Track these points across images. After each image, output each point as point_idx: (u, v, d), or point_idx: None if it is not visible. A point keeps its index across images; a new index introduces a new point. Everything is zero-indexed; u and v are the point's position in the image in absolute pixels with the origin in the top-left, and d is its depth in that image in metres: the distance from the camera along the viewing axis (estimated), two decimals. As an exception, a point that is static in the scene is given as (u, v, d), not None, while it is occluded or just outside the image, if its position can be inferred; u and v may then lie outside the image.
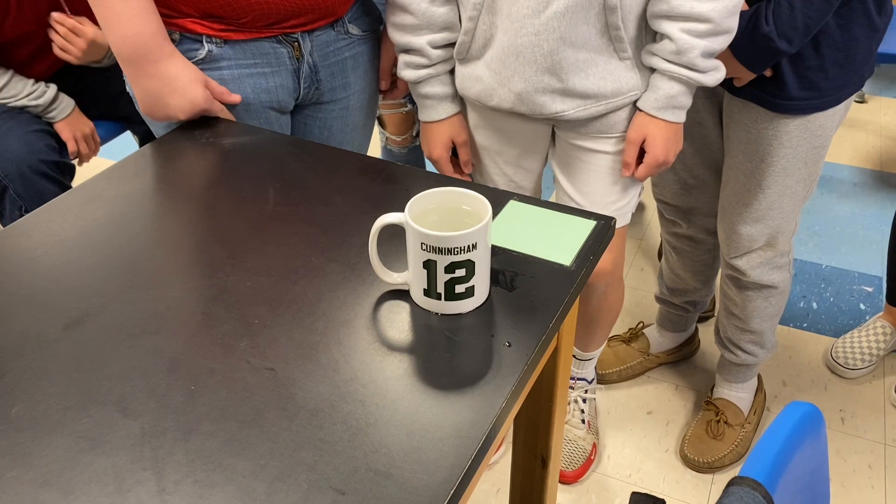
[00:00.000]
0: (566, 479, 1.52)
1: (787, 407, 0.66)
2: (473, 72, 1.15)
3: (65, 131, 1.75)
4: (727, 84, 1.27)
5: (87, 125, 1.79)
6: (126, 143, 2.28)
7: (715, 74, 1.07)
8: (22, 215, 1.62)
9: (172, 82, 1.05)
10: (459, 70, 1.18)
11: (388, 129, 1.86)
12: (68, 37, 1.70)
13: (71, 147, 1.76)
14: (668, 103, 1.09)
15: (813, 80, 1.19)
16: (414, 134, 1.88)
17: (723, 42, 1.05)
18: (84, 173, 1.81)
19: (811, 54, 1.18)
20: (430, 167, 2.23)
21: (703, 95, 1.36)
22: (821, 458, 0.68)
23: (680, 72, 1.06)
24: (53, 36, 1.71)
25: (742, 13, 1.15)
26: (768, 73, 1.19)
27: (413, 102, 1.81)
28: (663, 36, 1.06)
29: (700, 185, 1.50)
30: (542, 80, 1.09)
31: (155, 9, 1.04)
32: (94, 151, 1.82)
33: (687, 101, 1.10)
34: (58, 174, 1.68)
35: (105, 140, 1.92)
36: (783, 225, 1.37)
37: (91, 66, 1.88)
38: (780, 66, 1.19)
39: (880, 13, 1.18)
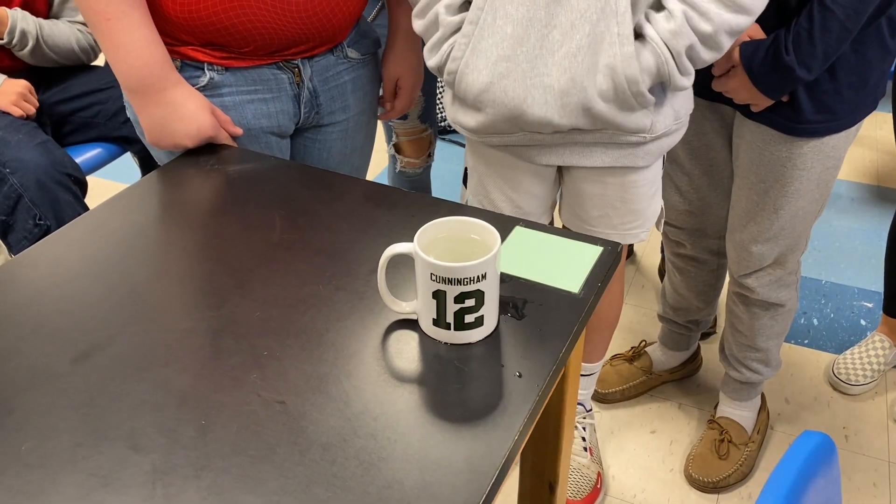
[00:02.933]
0: None
1: (799, 437, 0.66)
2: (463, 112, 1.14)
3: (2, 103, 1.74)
4: (740, 107, 1.27)
5: (20, 85, 1.76)
6: (127, 164, 2.27)
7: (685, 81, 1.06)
8: (37, 224, 1.62)
9: (179, 109, 1.06)
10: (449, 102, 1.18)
11: (406, 154, 1.89)
12: None
13: (15, 112, 1.74)
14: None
15: (828, 103, 1.20)
16: (428, 155, 1.91)
17: (708, 56, 1.04)
18: (90, 201, 1.81)
19: (826, 78, 1.18)
20: (437, 186, 2.24)
21: (712, 117, 1.37)
22: (834, 488, 0.68)
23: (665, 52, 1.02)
24: None
25: (760, 43, 1.16)
26: (784, 98, 1.20)
27: (425, 122, 1.84)
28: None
29: (706, 206, 1.50)
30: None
31: (159, 38, 1.04)
32: (34, 105, 1.79)
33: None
34: (74, 185, 1.68)
35: (105, 162, 1.92)
36: (794, 244, 1.37)
37: (87, 89, 1.88)
38: (796, 91, 1.19)
39: (893, 36, 1.19)
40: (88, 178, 1.78)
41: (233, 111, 1.13)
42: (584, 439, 1.57)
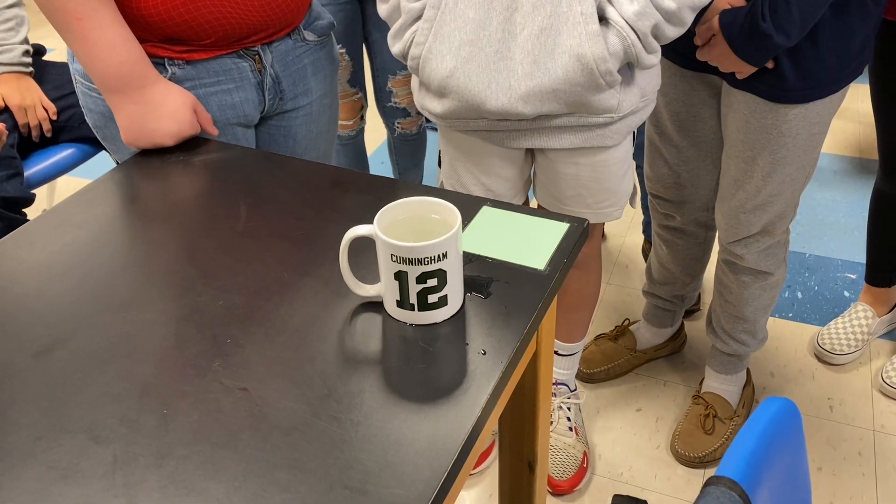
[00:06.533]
0: (560, 490, 1.51)
1: (762, 403, 0.66)
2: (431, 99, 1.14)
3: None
4: (726, 75, 1.27)
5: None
6: (105, 163, 2.26)
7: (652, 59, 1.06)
8: None
9: (159, 108, 1.04)
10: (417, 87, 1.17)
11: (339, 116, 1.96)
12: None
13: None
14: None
15: (811, 69, 1.20)
16: (361, 116, 1.98)
17: (672, 31, 1.04)
18: (57, 193, 1.80)
19: (808, 45, 1.18)
20: (374, 153, 2.24)
21: (701, 87, 1.37)
22: (798, 451, 0.68)
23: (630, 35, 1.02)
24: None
25: (739, 10, 1.15)
26: (770, 64, 1.20)
27: (355, 86, 1.90)
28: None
29: (694, 177, 1.50)
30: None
31: (133, 35, 1.02)
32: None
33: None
34: (6, 210, 1.66)
35: (79, 161, 1.91)
36: (783, 212, 1.38)
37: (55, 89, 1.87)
38: (779, 57, 1.19)
39: (874, 0, 1.18)
40: (63, 178, 1.76)
41: None
42: (569, 419, 1.57)
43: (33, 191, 1.77)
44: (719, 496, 0.57)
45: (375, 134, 2.78)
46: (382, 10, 1.12)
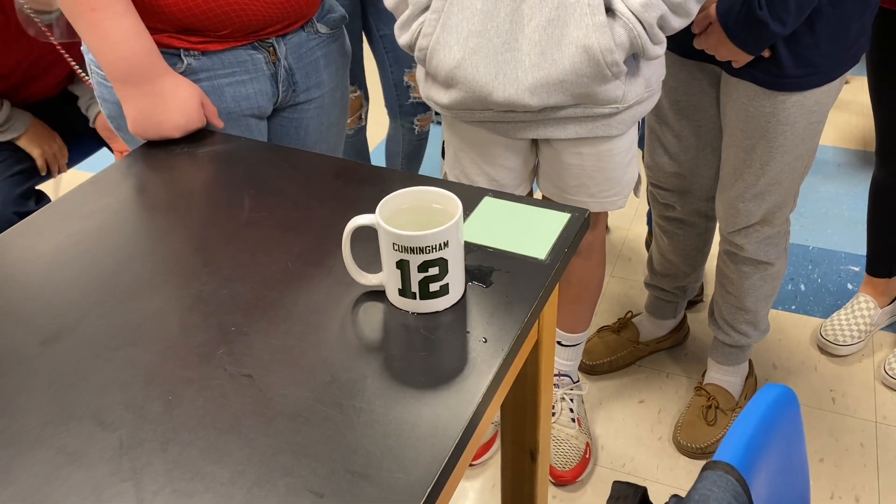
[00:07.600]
0: (563, 480, 1.52)
1: (760, 390, 0.66)
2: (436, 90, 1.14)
3: (30, 148, 1.74)
4: (724, 64, 1.28)
5: (53, 138, 1.76)
6: (107, 156, 2.26)
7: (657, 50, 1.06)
8: None
9: (168, 100, 1.05)
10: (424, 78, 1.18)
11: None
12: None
13: (39, 163, 1.75)
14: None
15: (808, 57, 1.20)
16: (360, 115, 1.97)
17: (678, 22, 1.04)
18: (63, 186, 1.82)
19: (805, 32, 1.18)
20: (377, 147, 2.24)
21: (701, 76, 1.37)
22: (796, 438, 0.69)
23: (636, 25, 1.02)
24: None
25: None
26: (766, 53, 1.21)
27: (352, 84, 1.88)
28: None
29: (695, 167, 1.51)
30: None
31: (145, 27, 1.03)
32: (62, 166, 1.81)
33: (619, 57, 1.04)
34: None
35: (83, 157, 1.91)
36: (781, 201, 1.38)
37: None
38: (776, 45, 1.20)
39: None
40: (70, 171, 1.77)
41: (212, 96, 1.12)
42: (571, 410, 1.58)
43: (41, 185, 1.79)
44: (717, 480, 0.57)
45: (378, 128, 2.78)
46: (389, 1, 1.13)
